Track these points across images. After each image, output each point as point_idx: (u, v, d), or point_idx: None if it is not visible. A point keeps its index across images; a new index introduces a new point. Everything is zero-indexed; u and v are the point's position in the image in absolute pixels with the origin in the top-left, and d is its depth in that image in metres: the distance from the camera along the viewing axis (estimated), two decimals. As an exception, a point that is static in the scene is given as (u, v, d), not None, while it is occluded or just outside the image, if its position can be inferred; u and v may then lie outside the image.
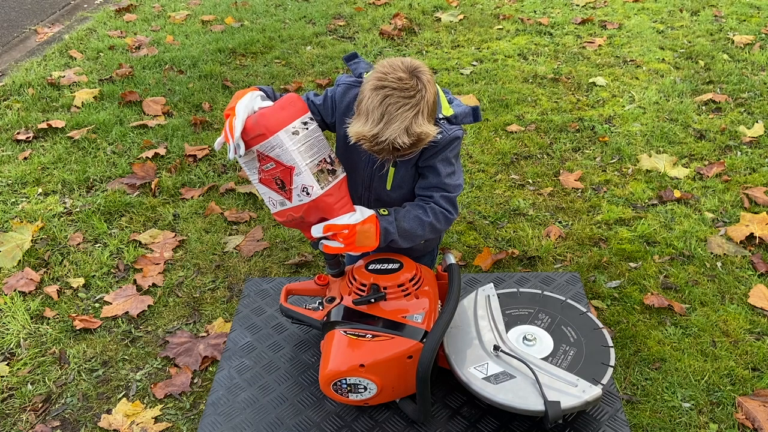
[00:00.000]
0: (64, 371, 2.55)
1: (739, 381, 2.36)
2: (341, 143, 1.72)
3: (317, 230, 1.57)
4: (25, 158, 3.87)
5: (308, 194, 1.53)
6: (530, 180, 3.53)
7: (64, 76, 4.79)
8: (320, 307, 1.64)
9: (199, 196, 3.50)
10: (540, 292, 1.74)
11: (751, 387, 2.33)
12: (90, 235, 3.25)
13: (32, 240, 3.19)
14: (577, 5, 5.78)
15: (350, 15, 5.80)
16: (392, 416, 1.57)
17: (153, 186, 3.55)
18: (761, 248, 2.96)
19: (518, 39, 5.18)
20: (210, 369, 2.52)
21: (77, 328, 2.71)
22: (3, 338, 2.70)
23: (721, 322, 2.60)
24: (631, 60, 4.75)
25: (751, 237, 3.01)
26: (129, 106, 4.37)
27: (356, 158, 1.69)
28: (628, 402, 2.30)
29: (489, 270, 2.91)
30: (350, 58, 1.72)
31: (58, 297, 2.88)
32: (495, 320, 1.63)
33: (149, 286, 2.92)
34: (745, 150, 3.66)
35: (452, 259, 1.64)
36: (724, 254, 2.94)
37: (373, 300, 1.53)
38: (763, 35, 4.98)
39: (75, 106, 4.39)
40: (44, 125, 4.13)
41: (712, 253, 2.95)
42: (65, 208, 3.45)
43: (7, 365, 2.58)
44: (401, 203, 1.69)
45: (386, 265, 1.60)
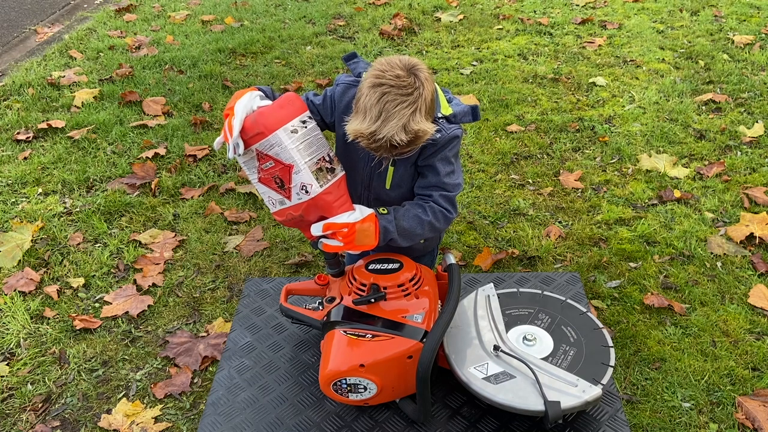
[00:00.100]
0: (64, 371, 2.55)
1: (739, 381, 2.36)
2: (340, 142, 1.72)
3: (317, 229, 1.57)
4: (25, 158, 3.87)
5: (307, 192, 1.53)
6: (530, 180, 3.53)
7: (64, 76, 4.79)
8: (320, 307, 1.64)
9: (199, 196, 3.50)
10: (540, 292, 1.74)
11: (751, 387, 2.33)
12: (90, 235, 3.25)
13: (32, 240, 3.19)
14: (577, 5, 5.78)
15: (350, 15, 5.79)
16: (392, 416, 1.57)
17: (153, 186, 3.55)
18: (761, 248, 2.96)
19: (518, 39, 5.18)
20: (210, 369, 2.52)
21: (77, 328, 2.71)
22: (3, 338, 2.70)
23: (721, 322, 2.60)
24: (631, 60, 4.75)
25: (751, 237, 3.01)
26: (129, 106, 4.38)
27: (355, 157, 1.69)
28: (628, 402, 2.30)
29: (489, 270, 2.91)
30: (349, 58, 1.72)
31: (58, 297, 2.88)
32: (495, 320, 1.63)
33: (149, 286, 2.92)
34: (745, 150, 3.66)
35: (452, 259, 1.64)
36: (724, 254, 2.94)
37: (373, 300, 1.53)
38: (763, 35, 4.98)
39: (75, 106, 4.39)
40: (44, 125, 4.13)
41: (712, 253, 2.95)
42: (65, 208, 3.45)
43: (7, 365, 2.58)
44: (400, 202, 1.69)
45: (386, 265, 1.60)
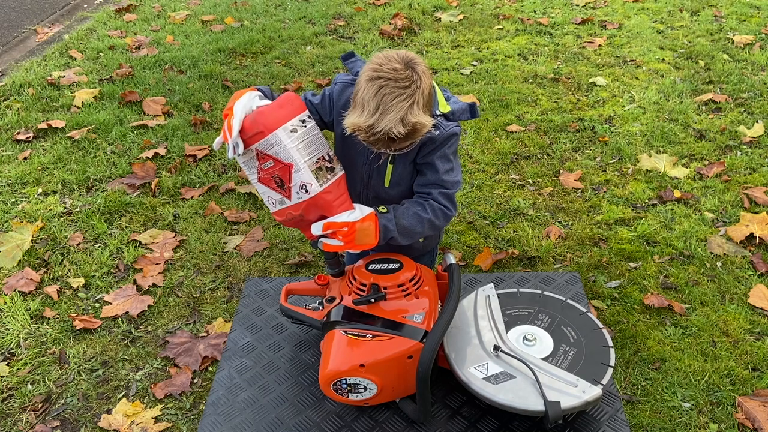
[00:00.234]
0: (64, 371, 2.55)
1: (739, 381, 2.36)
2: (339, 141, 1.72)
3: (317, 228, 1.57)
4: (25, 158, 3.87)
5: (307, 192, 1.53)
6: (530, 180, 3.53)
7: (64, 76, 4.79)
8: (320, 307, 1.64)
9: (199, 196, 3.50)
10: (540, 292, 1.74)
11: (751, 387, 2.33)
12: (90, 235, 3.25)
13: (32, 240, 3.19)
14: (577, 5, 5.78)
15: (350, 15, 5.79)
16: (392, 416, 1.56)
17: (153, 186, 3.55)
18: (761, 248, 2.96)
19: (518, 39, 5.18)
20: (210, 369, 2.52)
21: (77, 328, 2.71)
22: (3, 338, 2.70)
23: (721, 322, 2.60)
24: (631, 60, 4.75)
25: (751, 237, 3.01)
26: (129, 106, 4.37)
27: (354, 155, 1.69)
28: (628, 402, 2.30)
29: (489, 270, 2.91)
30: (347, 57, 1.72)
31: (58, 297, 2.88)
32: (495, 320, 1.63)
33: (149, 286, 2.92)
34: (745, 150, 3.66)
35: (452, 259, 1.64)
36: (724, 254, 2.94)
37: (373, 300, 1.53)
38: (763, 35, 4.98)
39: (75, 106, 4.39)
40: (44, 125, 4.13)
41: (712, 253, 2.95)
42: (65, 208, 3.45)
43: (7, 365, 2.58)
44: (399, 200, 1.69)
45: (386, 265, 1.60)
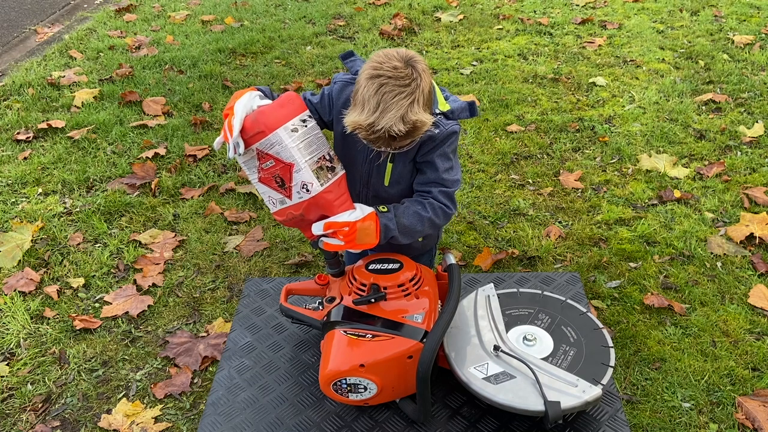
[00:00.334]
0: (64, 371, 2.55)
1: (739, 381, 2.36)
2: (339, 140, 1.72)
3: (318, 228, 1.57)
4: (25, 158, 3.87)
5: (308, 191, 1.53)
6: (530, 180, 3.53)
7: (64, 76, 4.79)
8: (320, 307, 1.64)
9: (199, 196, 3.50)
10: (540, 292, 1.74)
11: (751, 387, 2.33)
12: (90, 235, 3.25)
13: (32, 240, 3.19)
14: (577, 5, 5.78)
15: (350, 15, 5.79)
16: (392, 416, 1.56)
17: (153, 186, 3.55)
18: (761, 248, 2.96)
19: (518, 39, 5.18)
20: (210, 369, 2.52)
21: (77, 328, 2.71)
22: (3, 338, 2.70)
23: (721, 322, 2.60)
24: (631, 60, 4.75)
25: (751, 237, 3.01)
26: (129, 106, 4.38)
27: (354, 154, 1.69)
28: (628, 402, 2.30)
29: (489, 270, 2.91)
30: (347, 56, 1.73)
31: (58, 297, 2.88)
32: (495, 320, 1.63)
33: (149, 286, 2.92)
34: (745, 150, 3.66)
35: (452, 259, 1.64)
36: (724, 254, 2.94)
37: (373, 300, 1.53)
38: (763, 35, 4.98)
39: (75, 106, 4.39)
40: (44, 125, 4.13)
41: (712, 253, 2.95)
42: (65, 208, 3.45)
43: (7, 365, 2.58)
44: (399, 199, 1.69)
45: (386, 265, 1.60)
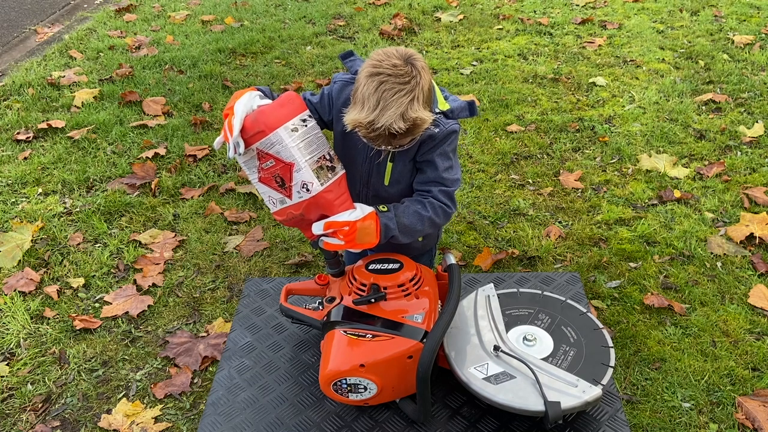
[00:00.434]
0: (64, 371, 2.55)
1: (739, 381, 2.36)
2: (339, 139, 1.72)
3: (318, 227, 1.58)
4: (25, 158, 3.87)
5: (308, 191, 1.53)
6: (530, 180, 3.53)
7: (64, 76, 4.79)
8: (320, 307, 1.64)
9: (199, 196, 3.50)
10: (540, 293, 1.74)
11: (751, 387, 2.33)
12: (90, 235, 3.25)
13: (32, 240, 3.19)
14: (577, 5, 5.78)
15: (350, 15, 5.79)
16: (392, 416, 1.56)
17: (153, 186, 3.55)
18: (761, 248, 2.96)
19: (518, 39, 5.18)
20: (210, 369, 2.52)
21: (77, 328, 2.71)
22: (3, 338, 2.70)
23: (721, 322, 2.60)
24: (631, 60, 4.75)
25: (751, 237, 3.01)
26: (129, 106, 4.37)
27: (354, 154, 1.70)
28: (628, 402, 2.30)
29: (489, 270, 2.91)
30: (346, 56, 1.73)
31: (58, 297, 2.88)
32: (495, 320, 1.63)
33: (149, 286, 2.92)
34: (745, 150, 3.66)
35: (452, 259, 1.64)
36: (724, 254, 2.94)
37: (374, 300, 1.53)
38: (763, 35, 4.98)
39: (75, 106, 4.39)
40: (44, 125, 4.13)
41: (712, 253, 2.95)
42: (65, 208, 3.45)
43: (7, 365, 2.58)
44: (399, 199, 1.69)
45: (386, 265, 1.60)
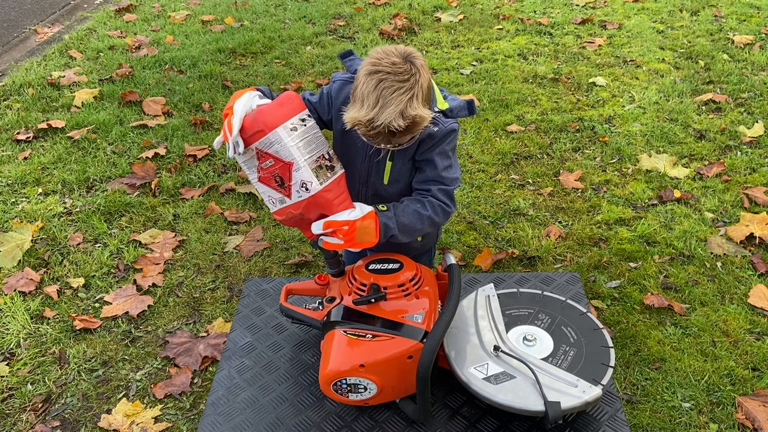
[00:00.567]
0: (64, 371, 2.55)
1: (739, 381, 2.36)
2: (338, 138, 1.72)
3: (317, 227, 1.58)
4: (25, 158, 3.87)
5: (307, 190, 1.53)
6: (530, 180, 3.53)
7: (64, 76, 4.79)
8: (320, 307, 1.64)
9: (199, 196, 3.50)
10: (540, 293, 1.74)
11: (751, 387, 2.33)
12: (90, 235, 3.25)
13: (32, 240, 3.19)
14: (577, 5, 5.78)
15: (350, 15, 5.80)
16: (392, 416, 1.56)
17: (153, 186, 3.55)
18: (761, 248, 2.96)
19: (518, 39, 5.18)
20: (210, 369, 2.52)
21: (77, 328, 2.71)
22: (3, 338, 2.70)
23: (721, 322, 2.60)
24: (631, 60, 4.75)
25: (751, 237, 3.01)
26: (129, 106, 4.37)
27: (353, 153, 1.70)
28: (628, 402, 2.30)
29: (489, 270, 2.91)
30: (345, 55, 1.73)
31: (58, 297, 2.88)
32: (495, 320, 1.63)
33: (149, 286, 2.92)
34: (745, 150, 3.66)
35: (452, 260, 1.64)
36: (724, 254, 2.94)
37: (374, 300, 1.53)
38: (763, 35, 4.98)
39: (75, 106, 4.39)
40: (44, 125, 4.13)
41: (712, 253, 2.95)
42: (65, 208, 3.45)
43: (7, 365, 2.58)
44: (399, 198, 1.69)
45: (386, 265, 1.60)
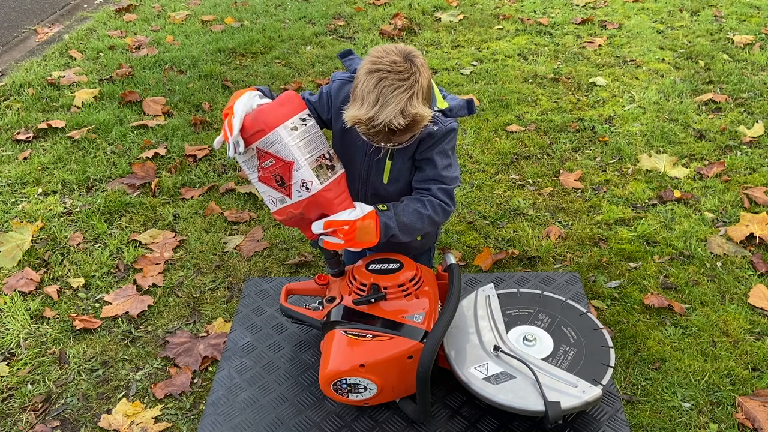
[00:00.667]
0: (64, 371, 2.55)
1: (739, 381, 2.36)
2: (338, 138, 1.72)
3: (317, 226, 1.58)
4: (25, 158, 3.87)
5: (308, 189, 1.53)
6: (530, 180, 3.53)
7: (64, 76, 4.78)
8: (320, 307, 1.64)
9: (199, 196, 3.50)
10: (540, 293, 1.74)
11: (751, 387, 2.33)
12: (90, 235, 3.25)
13: (32, 240, 3.19)
14: (577, 5, 5.78)
15: (350, 15, 5.79)
16: (392, 416, 1.56)
17: (153, 186, 3.55)
18: (761, 248, 2.96)
19: (518, 39, 5.18)
20: (210, 369, 2.52)
21: (77, 328, 2.71)
22: (3, 338, 2.70)
23: (721, 322, 2.60)
24: (631, 60, 4.75)
25: (751, 237, 3.01)
26: (129, 106, 4.37)
27: (353, 152, 1.70)
28: (628, 402, 2.30)
29: (489, 270, 2.91)
30: (345, 55, 1.73)
31: (58, 297, 2.88)
32: (495, 320, 1.63)
33: (149, 286, 2.92)
34: (745, 150, 3.66)
35: (452, 260, 1.64)
36: (724, 254, 2.94)
37: (374, 300, 1.53)
38: (763, 35, 4.98)
39: (75, 106, 4.39)
40: (44, 125, 4.13)
41: (712, 253, 2.95)
42: (65, 208, 3.45)
43: (7, 365, 2.58)
44: (398, 197, 1.69)
45: (386, 265, 1.60)
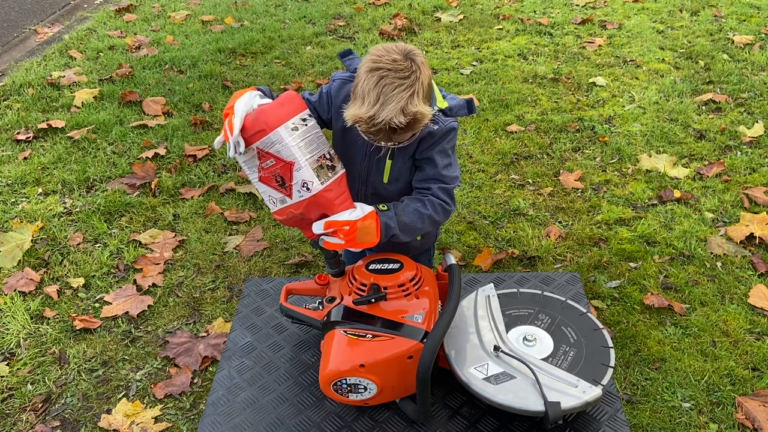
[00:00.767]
0: (64, 371, 2.55)
1: (739, 381, 2.36)
2: (338, 138, 1.72)
3: (318, 227, 1.58)
4: (25, 158, 3.87)
5: (308, 190, 1.53)
6: (530, 180, 3.53)
7: (64, 76, 4.79)
8: (320, 307, 1.64)
9: (199, 196, 3.50)
10: (540, 293, 1.74)
11: (751, 387, 2.33)
12: (90, 235, 3.25)
13: (32, 240, 3.19)
14: (577, 5, 5.78)
15: (350, 15, 5.80)
16: (392, 416, 1.56)
17: (153, 186, 3.55)
18: (761, 248, 2.96)
19: (518, 39, 5.18)
20: (210, 369, 2.52)
21: (77, 328, 2.71)
22: (3, 338, 2.70)
23: (721, 322, 2.60)
24: (631, 60, 4.75)
25: (751, 237, 3.01)
26: (129, 106, 4.38)
27: (353, 152, 1.70)
28: (628, 402, 2.30)
29: (489, 270, 2.91)
30: (345, 54, 1.73)
31: (58, 297, 2.88)
32: (495, 320, 1.63)
33: (149, 286, 2.92)
34: (745, 150, 3.66)
35: (452, 260, 1.64)
36: (724, 254, 2.94)
37: (374, 300, 1.53)
38: (763, 35, 4.98)
39: (75, 106, 4.39)
40: (44, 125, 4.13)
41: (712, 253, 2.95)
42: (65, 208, 3.45)
43: (7, 365, 2.58)
44: (398, 197, 1.69)
45: (387, 265, 1.60)
